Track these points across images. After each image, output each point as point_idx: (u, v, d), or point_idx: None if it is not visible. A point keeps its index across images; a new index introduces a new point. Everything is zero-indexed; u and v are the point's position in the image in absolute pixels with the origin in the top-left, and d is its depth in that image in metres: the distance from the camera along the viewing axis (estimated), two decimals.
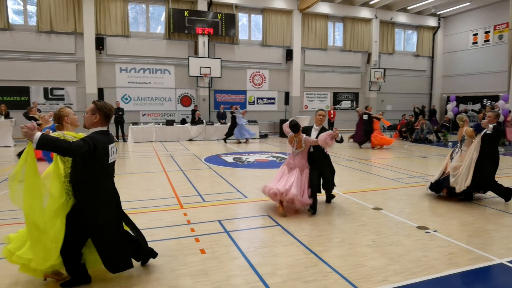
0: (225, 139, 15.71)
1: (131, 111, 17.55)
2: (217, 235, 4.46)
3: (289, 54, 20.22)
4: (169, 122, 16.42)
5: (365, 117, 14.01)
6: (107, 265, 3.16)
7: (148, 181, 7.63)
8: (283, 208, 5.32)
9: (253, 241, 4.28)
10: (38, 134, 2.70)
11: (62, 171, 3.15)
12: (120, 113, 15.50)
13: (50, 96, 16.46)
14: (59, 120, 3.73)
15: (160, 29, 18.33)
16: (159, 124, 16.54)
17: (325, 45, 21.22)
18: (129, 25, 17.43)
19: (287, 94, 20.41)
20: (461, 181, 5.96)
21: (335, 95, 22.20)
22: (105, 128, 3.21)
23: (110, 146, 3.16)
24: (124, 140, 15.70)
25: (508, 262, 3.81)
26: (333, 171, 5.93)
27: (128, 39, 17.49)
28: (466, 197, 6.19)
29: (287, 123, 5.53)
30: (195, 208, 5.64)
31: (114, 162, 3.30)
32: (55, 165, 3.13)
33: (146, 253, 3.52)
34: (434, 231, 4.70)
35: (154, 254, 3.58)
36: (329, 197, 6.04)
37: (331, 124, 19.48)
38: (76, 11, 16.28)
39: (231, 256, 3.84)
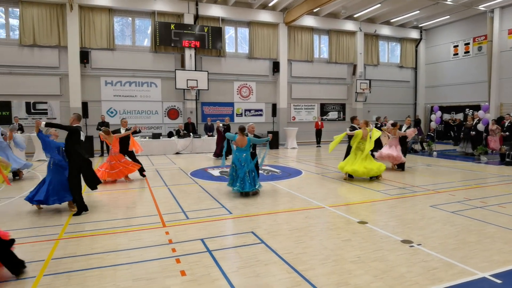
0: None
1: (117, 124, 17.30)
2: (199, 255, 4.36)
3: (275, 66, 20.37)
4: (156, 136, 16.27)
5: (220, 128, 14.17)
6: None
7: (130, 198, 7.48)
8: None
9: (235, 261, 4.19)
10: None
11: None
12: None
13: (32, 111, 16.18)
14: None
15: (147, 42, 18.30)
16: (145, 138, 16.37)
17: (311, 57, 21.46)
18: (114, 38, 17.36)
19: (274, 106, 20.46)
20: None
21: (322, 106, 22.38)
22: None
23: None
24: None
25: (491, 276, 3.81)
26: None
27: (114, 52, 17.40)
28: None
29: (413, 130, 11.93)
30: (178, 226, 5.53)
31: None
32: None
33: None
34: (418, 244, 4.69)
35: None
36: None
37: (319, 134, 19.67)
38: (60, 24, 16.16)
39: (211, 278, 3.75)
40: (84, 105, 16.27)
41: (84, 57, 16.50)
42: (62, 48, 16.37)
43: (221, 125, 14.35)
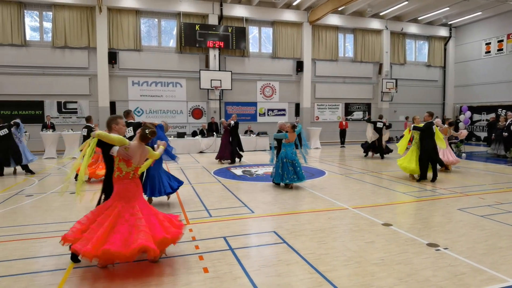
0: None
1: None
2: (221, 252, 4.42)
3: (299, 66, 20.28)
4: (180, 135, 16.55)
5: (231, 125, 12.74)
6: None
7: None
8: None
9: (257, 260, 4.22)
10: None
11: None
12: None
13: (63, 110, 16.83)
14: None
15: (172, 43, 18.64)
16: (170, 137, 16.66)
17: (335, 56, 21.22)
18: (141, 39, 17.78)
19: (297, 106, 20.39)
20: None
21: (347, 105, 22.10)
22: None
23: None
24: None
25: None
26: None
27: (140, 53, 17.83)
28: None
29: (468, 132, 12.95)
30: (201, 223, 5.62)
31: None
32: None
33: None
34: (445, 248, 4.57)
35: None
36: None
37: (343, 134, 19.34)
38: (89, 26, 16.72)
39: (233, 276, 3.79)
40: (112, 104, 16.79)
41: (112, 58, 17.00)
42: (91, 49, 16.94)
43: (232, 122, 12.80)
